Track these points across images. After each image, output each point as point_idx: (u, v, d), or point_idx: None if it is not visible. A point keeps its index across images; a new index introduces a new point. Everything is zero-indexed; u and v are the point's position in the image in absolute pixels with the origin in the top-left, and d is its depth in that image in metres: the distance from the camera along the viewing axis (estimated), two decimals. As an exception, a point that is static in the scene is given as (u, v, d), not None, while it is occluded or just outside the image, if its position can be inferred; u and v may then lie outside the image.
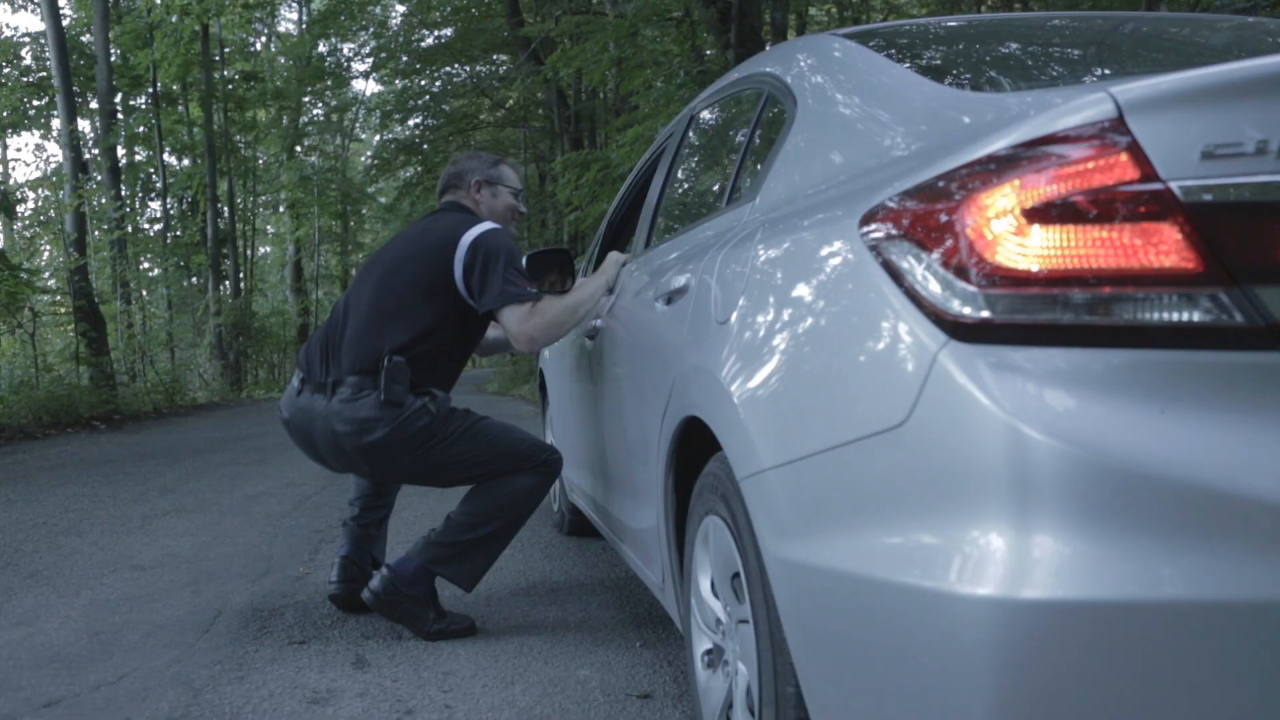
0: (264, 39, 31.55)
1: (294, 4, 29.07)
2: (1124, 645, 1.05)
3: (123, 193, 18.24)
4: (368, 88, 34.98)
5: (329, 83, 31.36)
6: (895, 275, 1.29)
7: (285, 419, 3.10)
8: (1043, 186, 1.18)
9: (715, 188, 2.67)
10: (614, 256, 3.23)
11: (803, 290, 1.55)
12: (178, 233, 24.46)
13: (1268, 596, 1.03)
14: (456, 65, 27.86)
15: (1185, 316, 1.12)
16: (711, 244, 2.10)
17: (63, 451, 8.28)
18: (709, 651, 2.00)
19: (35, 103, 21.69)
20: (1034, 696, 1.07)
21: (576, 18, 16.41)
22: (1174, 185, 1.13)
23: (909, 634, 1.19)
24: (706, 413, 1.83)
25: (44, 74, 21.51)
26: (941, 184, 1.28)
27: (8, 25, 30.02)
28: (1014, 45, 2.24)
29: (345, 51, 32.18)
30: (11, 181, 16.57)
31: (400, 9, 29.78)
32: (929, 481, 1.19)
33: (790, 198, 1.85)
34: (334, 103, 34.00)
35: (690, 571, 2.07)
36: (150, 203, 25.74)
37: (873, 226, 1.37)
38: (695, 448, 2.04)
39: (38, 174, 22.70)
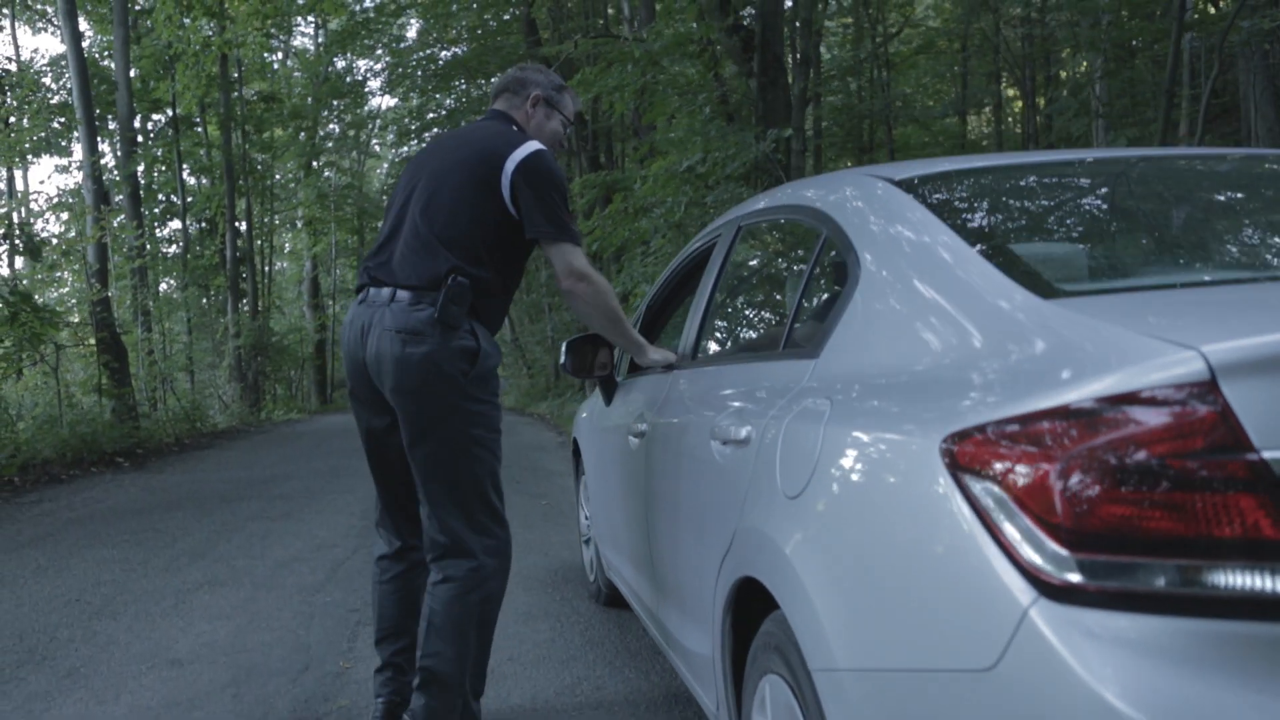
0: (280, 54, 31.61)
1: (311, 20, 29.03)
2: None
3: (143, 216, 18.27)
4: (384, 102, 35.00)
5: (347, 100, 31.38)
6: (981, 514, 1.28)
7: (346, 323, 2.99)
8: (1130, 448, 1.16)
9: (770, 321, 2.69)
10: (665, 356, 3.18)
11: (880, 495, 1.54)
12: (197, 248, 24.54)
13: None
14: (472, 76, 27.87)
15: None
16: (772, 395, 2.11)
17: (88, 498, 8.24)
18: None
19: (54, 124, 21.82)
20: None
21: (594, 40, 16.37)
22: (1269, 456, 1.11)
23: None
24: (771, 583, 1.82)
25: (64, 95, 21.62)
26: (1024, 427, 1.27)
27: (32, 51, 30.14)
28: (1079, 208, 2.22)
29: (362, 68, 32.26)
30: (34, 207, 16.58)
31: (417, 23, 29.84)
32: None
33: (857, 372, 1.84)
34: (349, 119, 34.09)
35: None
36: (169, 223, 25.87)
37: (955, 452, 1.36)
38: (749, 592, 2.03)
39: (56, 198, 22.70)
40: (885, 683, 1.43)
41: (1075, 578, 1.17)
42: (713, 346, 3.00)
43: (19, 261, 15.86)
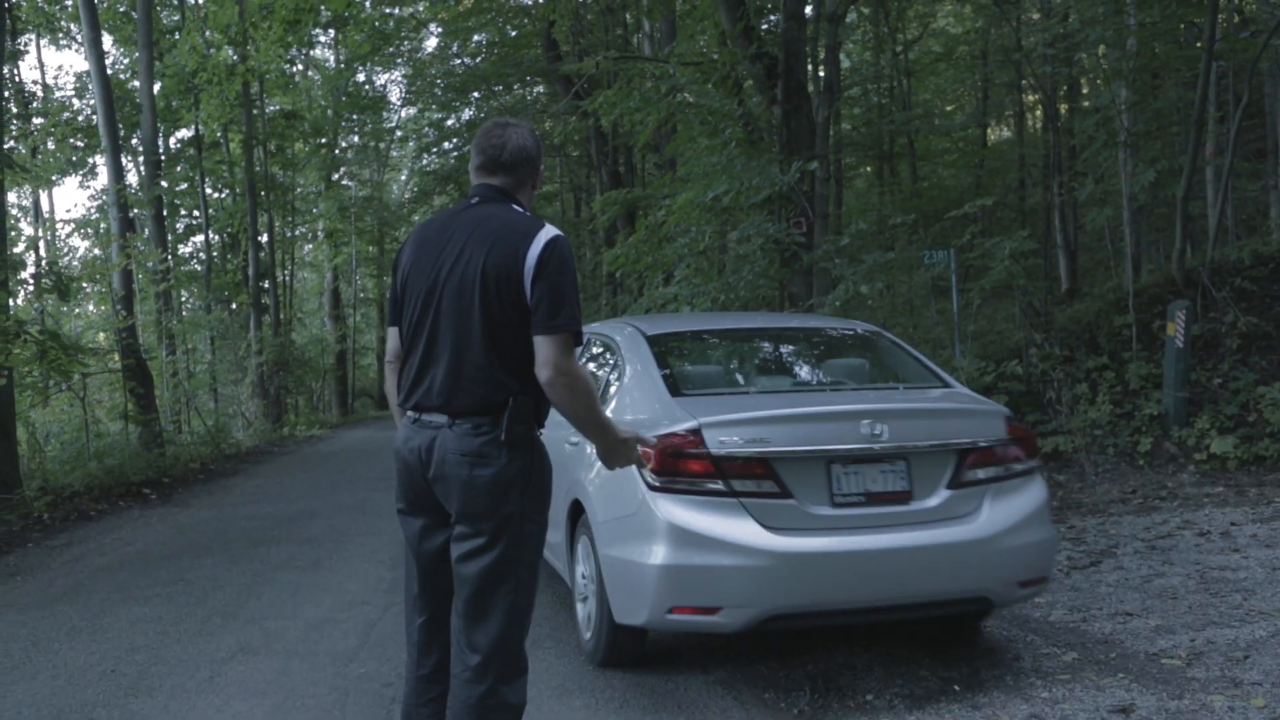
0: (300, 66, 31.70)
1: (329, 38, 29.10)
2: (689, 576, 4.15)
3: (167, 239, 18.36)
4: (403, 111, 35.07)
5: (366, 114, 31.44)
6: (639, 470, 4.25)
7: (400, 442, 3.00)
8: (675, 449, 4.20)
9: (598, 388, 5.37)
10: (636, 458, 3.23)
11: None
12: (217, 261, 24.64)
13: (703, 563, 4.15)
14: (491, 87, 27.95)
15: (710, 487, 4.17)
16: None
17: (117, 539, 8.28)
18: (582, 597, 4.92)
19: (78, 143, 21.96)
20: (665, 589, 4.14)
21: (617, 59, 16.33)
22: (713, 451, 4.16)
23: (639, 576, 4.23)
24: (583, 500, 4.83)
25: (88, 112, 21.75)
26: (649, 442, 4.14)
27: (56, 68, 30.38)
28: (718, 352, 5.69)
29: (382, 80, 32.35)
30: (60, 231, 16.80)
31: (436, 32, 29.89)
32: (642, 531, 4.26)
33: (618, 418, 4.44)
34: (369, 128, 34.18)
35: (574, 564, 5.05)
36: (193, 238, 26.02)
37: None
38: (576, 508, 5.01)
39: (81, 219, 22.88)
40: (614, 522, 4.49)
41: (657, 484, 4.22)
42: None
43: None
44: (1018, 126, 25.56)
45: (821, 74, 13.04)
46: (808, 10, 12.47)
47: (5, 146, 9.98)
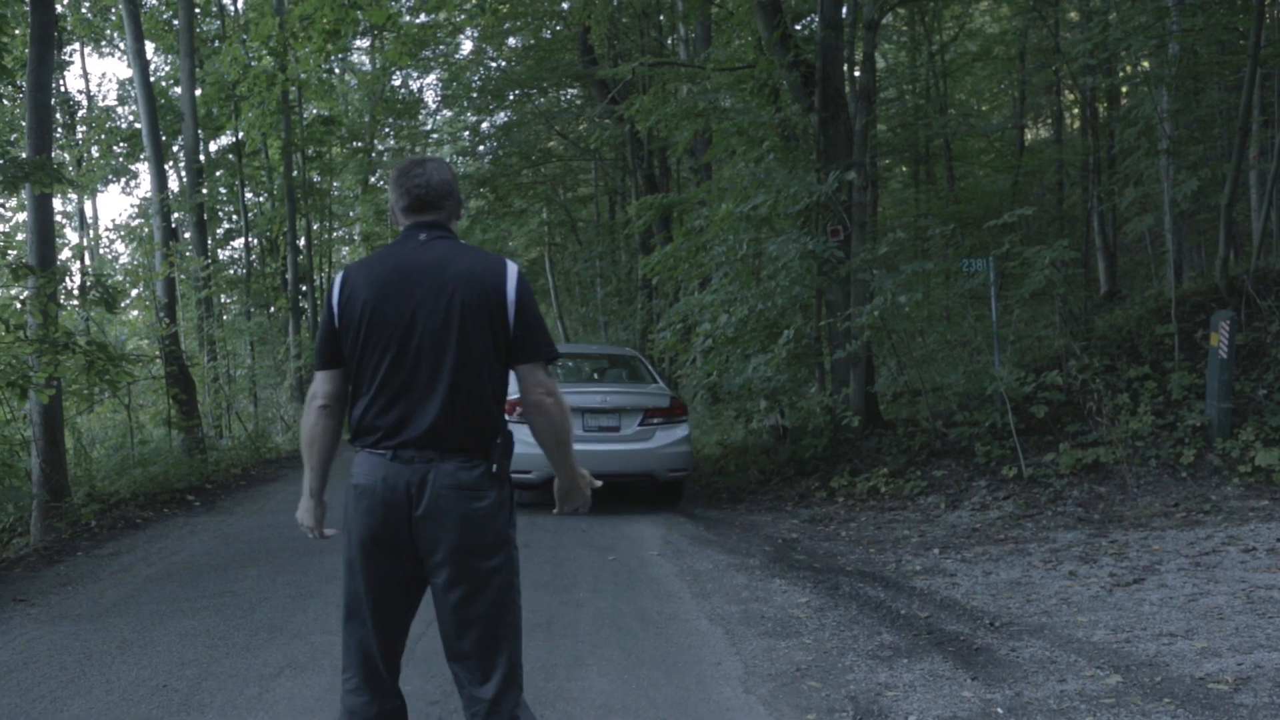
0: (336, 70, 31.97)
1: (366, 45, 29.33)
2: (517, 458, 3.21)
3: (209, 246, 18.61)
4: (439, 115, 35.32)
5: (402, 118, 31.69)
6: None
7: (375, 480, 2.88)
8: (512, 404, 3.98)
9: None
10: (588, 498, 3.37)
11: None
12: (256, 265, 24.94)
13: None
14: (526, 90, 28.11)
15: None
16: None
17: (164, 548, 8.41)
18: None
19: (121, 147, 22.32)
20: None
21: (654, 65, 16.35)
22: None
23: None
24: None
25: (130, 118, 22.09)
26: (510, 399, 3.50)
27: (101, 75, 30.77)
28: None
29: (418, 85, 32.54)
30: (104, 239, 17.17)
31: (471, 36, 30.05)
32: None
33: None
34: (405, 132, 34.44)
35: None
36: (232, 241, 26.36)
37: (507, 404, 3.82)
38: None
39: (124, 228, 23.25)
40: None
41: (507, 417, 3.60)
42: None
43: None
44: (1056, 128, 25.35)
45: (858, 74, 12.98)
46: (844, 12, 12.43)
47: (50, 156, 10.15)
